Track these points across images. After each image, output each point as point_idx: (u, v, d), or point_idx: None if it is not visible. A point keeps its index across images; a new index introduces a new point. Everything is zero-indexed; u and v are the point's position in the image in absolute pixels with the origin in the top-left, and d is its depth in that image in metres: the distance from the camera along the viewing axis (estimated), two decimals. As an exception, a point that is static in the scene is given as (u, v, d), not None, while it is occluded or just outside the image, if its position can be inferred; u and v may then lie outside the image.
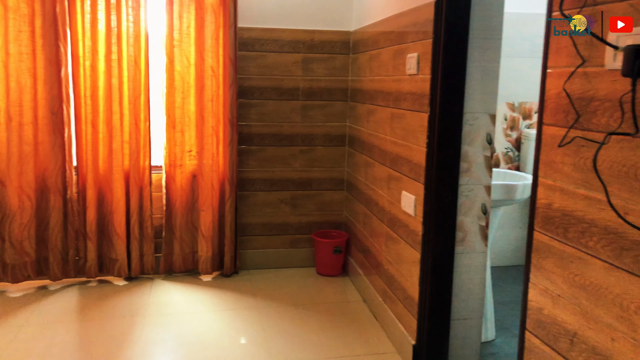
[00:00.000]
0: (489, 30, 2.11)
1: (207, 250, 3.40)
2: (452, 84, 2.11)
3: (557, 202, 1.38)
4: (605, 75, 1.21)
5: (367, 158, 3.05)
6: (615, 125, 1.18)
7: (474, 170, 2.19)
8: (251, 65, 3.40)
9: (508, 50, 3.34)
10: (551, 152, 1.40)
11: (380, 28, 2.83)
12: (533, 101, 3.52)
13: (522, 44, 3.42)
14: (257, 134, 3.46)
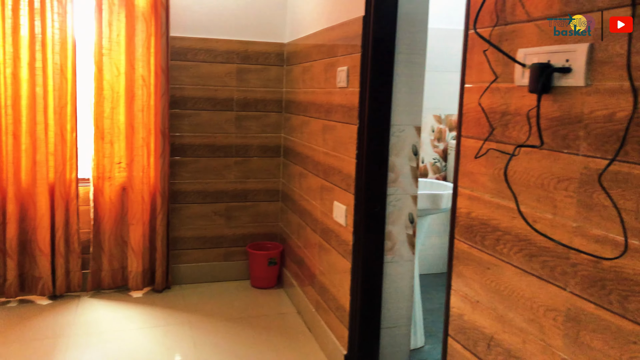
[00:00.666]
0: (414, 45, 2.19)
1: (137, 265, 3.29)
2: (380, 97, 2.16)
3: (475, 211, 1.44)
4: (515, 91, 1.28)
5: (302, 169, 3.06)
6: (525, 137, 1.25)
7: (401, 181, 2.24)
8: (184, 75, 3.34)
9: (435, 65, 3.45)
10: (469, 163, 1.47)
11: (312, 41, 2.87)
12: (461, 114, 3.66)
13: (449, 59, 3.55)
14: (190, 145, 3.40)
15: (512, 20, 1.29)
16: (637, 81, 0.96)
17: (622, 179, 0.99)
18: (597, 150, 1.05)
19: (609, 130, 1.02)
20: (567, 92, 1.12)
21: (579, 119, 1.09)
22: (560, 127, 1.14)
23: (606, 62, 1.03)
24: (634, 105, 0.97)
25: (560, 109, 1.14)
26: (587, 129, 1.07)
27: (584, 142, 1.08)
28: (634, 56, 0.97)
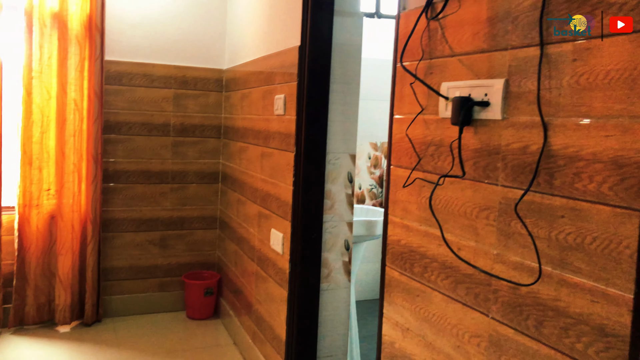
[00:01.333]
0: (349, 75, 2.23)
1: (65, 297, 3.12)
2: (316, 125, 2.18)
3: (404, 238, 1.47)
4: (439, 123, 1.33)
5: (240, 196, 3.03)
6: (449, 168, 1.29)
7: (337, 208, 2.26)
8: (119, 100, 3.26)
9: (372, 94, 3.54)
10: (398, 192, 1.50)
11: (251, 68, 2.88)
12: (398, 142, 3.76)
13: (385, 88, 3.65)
14: (123, 171, 3.29)
15: (436, 55, 1.35)
16: (546, 116, 1.02)
17: (536, 208, 1.04)
18: (513, 181, 1.10)
19: (523, 162, 1.07)
20: (486, 124, 1.17)
21: (497, 151, 1.14)
22: (480, 158, 1.19)
23: (520, 97, 1.09)
24: (544, 138, 1.02)
25: (480, 141, 1.19)
26: (505, 160, 1.12)
27: (502, 173, 1.13)
28: (543, 92, 1.03)
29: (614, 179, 0.89)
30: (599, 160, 0.92)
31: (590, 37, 0.94)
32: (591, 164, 0.93)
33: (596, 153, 0.92)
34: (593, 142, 0.93)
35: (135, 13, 3.24)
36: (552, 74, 1.01)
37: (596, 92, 0.93)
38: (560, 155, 0.99)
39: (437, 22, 1.35)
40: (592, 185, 0.93)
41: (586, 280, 0.94)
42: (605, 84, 0.91)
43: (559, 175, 0.99)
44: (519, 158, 1.08)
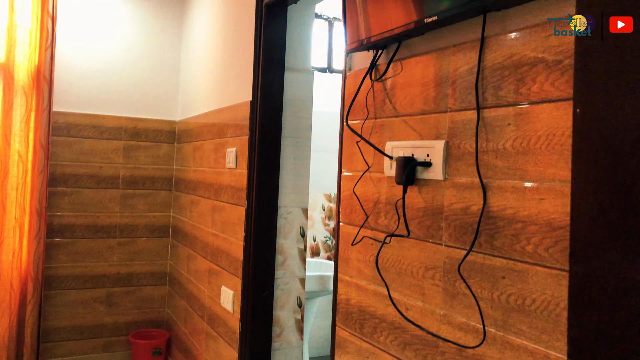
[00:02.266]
0: (300, 129, 2.25)
1: (-1, 361, 2.91)
2: (268, 179, 2.17)
3: (354, 298, 1.45)
4: (384, 182, 1.34)
5: (190, 250, 2.95)
6: (395, 226, 1.29)
7: (289, 264, 2.23)
8: (67, 152, 3.17)
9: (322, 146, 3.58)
10: (347, 250, 1.49)
11: (203, 120, 2.87)
12: (352, 193, 3.78)
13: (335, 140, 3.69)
14: (69, 225, 3.17)
15: (381, 115, 1.38)
16: (485, 178, 1.05)
17: (478, 268, 1.05)
18: (456, 241, 1.11)
19: (465, 222, 1.09)
20: (429, 184, 1.19)
21: (440, 211, 1.16)
22: (425, 218, 1.20)
23: (460, 158, 1.11)
24: (484, 200, 1.04)
25: (424, 201, 1.20)
26: (448, 220, 1.14)
27: (446, 233, 1.14)
28: (481, 155, 1.06)
29: (549, 240, 0.91)
30: (534, 222, 0.94)
31: (518, 104, 0.98)
32: (528, 226, 0.95)
33: (532, 215, 0.95)
34: (529, 205, 0.95)
35: (87, 64, 3.21)
36: (489, 137, 1.04)
37: (529, 157, 0.96)
38: (499, 217, 1.01)
39: (382, 83, 1.38)
40: (530, 247, 0.95)
41: (528, 342, 0.94)
42: (537, 148, 0.95)
43: (499, 236, 1.01)
44: (461, 218, 1.10)
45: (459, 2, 1.05)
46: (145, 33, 3.35)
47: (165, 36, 3.40)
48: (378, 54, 1.39)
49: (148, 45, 3.35)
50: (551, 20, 0.96)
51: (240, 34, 2.38)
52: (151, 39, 3.36)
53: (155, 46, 3.37)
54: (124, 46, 3.29)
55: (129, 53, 3.30)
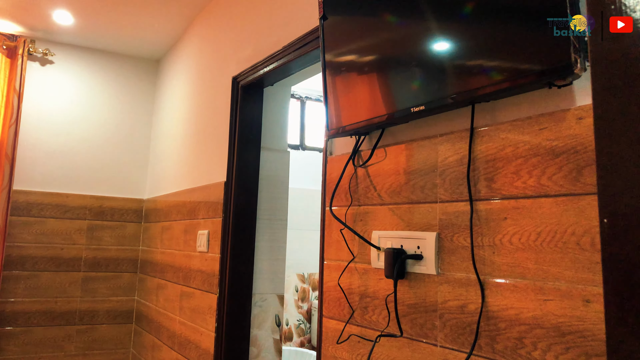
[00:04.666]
0: (276, 210, 2.18)
1: None
2: (242, 264, 2.07)
3: (339, 401, 1.33)
4: (371, 273, 1.27)
5: (155, 339, 2.75)
6: (384, 323, 1.21)
7: (263, 356, 2.08)
8: (26, 232, 3.00)
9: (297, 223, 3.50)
10: (331, 347, 1.38)
11: (173, 199, 2.77)
12: (325, 272, 3.66)
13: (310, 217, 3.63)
14: (22, 312, 2.94)
15: (365, 203, 1.32)
16: (482, 275, 0.99)
17: (481, 374, 0.97)
18: (453, 342, 1.03)
19: (462, 322, 1.02)
20: (421, 279, 1.12)
21: (434, 308, 1.08)
22: (417, 315, 1.12)
23: (453, 252, 1.06)
24: (482, 298, 0.98)
25: (416, 296, 1.13)
26: (443, 318, 1.06)
27: (441, 333, 1.06)
28: (476, 250, 1.00)
29: (559, 347, 0.84)
30: (540, 325, 0.88)
31: (514, 198, 0.94)
32: (533, 329, 0.89)
33: (537, 317, 0.88)
34: (533, 306, 0.89)
35: (52, 142, 3.11)
36: (484, 231, 0.99)
37: (530, 253, 0.91)
38: (500, 318, 0.94)
39: (365, 170, 1.34)
40: (537, 353, 0.87)
41: None
42: (537, 245, 0.90)
43: (501, 339, 0.93)
44: (458, 317, 1.03)
45: (446, 92, 1.03)
46: (116, 109, 3.29)
47: (136, 114, 3.35)
48: (361, 140, 1.36)
49: (118, 122, 3.29)
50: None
51: (215, 114, 2.35)
52: (122, 117, 3.31)
53: (126, 124, 3.31)
54: (93, 122, 3.22)
55: (98, 130, 3.23)
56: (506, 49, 0.92)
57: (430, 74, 1.07)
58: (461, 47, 1.00)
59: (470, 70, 0.99)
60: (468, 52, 0.99)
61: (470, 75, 0.99)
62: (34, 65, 3.10)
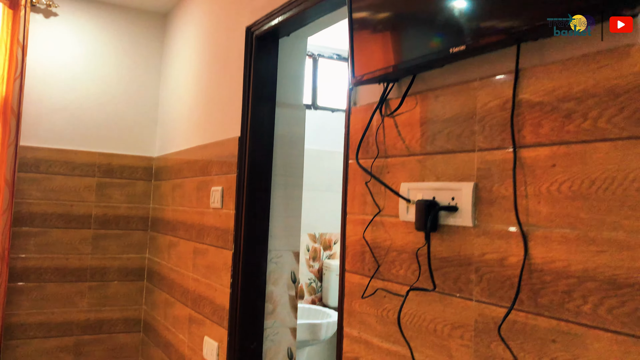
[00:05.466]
0: (292, 167, 2.12)
1: (-51, 423, 2.61)
2: (257, 220, 2.02)
3: (363, 356, 1.29)
4: (400, 227, 1.21)
5: (168, 296, 2.74)
6: (413, 277, 1.16)
7: (279, 312, 2.06)
8: (34, 189, 2.96)
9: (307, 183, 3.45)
10: (354, 302, 1.34)
11: (184, 157, 2.71)
12: (332, 232, 3.63)
13: (320, 178, 3.58)
14: (34, 269, 2.92)
15: (393, 154, 1.26)
16: (525, 226, 0.93)
17: (520, 329, 0.92)
18: (491, 297, 0.98)
19: (501, 276, 0.96)
20: (455, 231, 1.07)
21: (469, 262, 1.03)
22: (450, 269, 1.07)
23: (493, 203, 1.00)
24: (525, 250, 0.92)
25: (449, 250, 1.08)
26: (479, 272, 1.01)
27: (477, 287, 1.01)
28: (519, 199, 0.94)
29: (613, 301, 0.79)
30: (592, 278, 0.82)
31: (565, 143, 0.87)
32: (584, 282, 0.83)
33: (588, 270, 0.83)
34: (583, 258, 0.83)
35: (58, 97, 3.03)
36: (529, 180, 0.93)
37: (581, 202, 0.85)
38: (545, 271, 0.89)
39: (393, 119, 1.27)
40: (587, 307, 0.82)
41: (590, 420, 0.81)
42: (591, 193, 0.83)
43: (546, 293, 0.88)
44: (496, 271, 0.97)
45: (491, 30, 0.95)
46: (123, 65, 3.20)
47: (143, 69, 3.26)
48: (389, 87, 1.28)
49: (125, 78, 3.20)
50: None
51: (228, 67, 2.26)
52: (129, 72, 3.21)
53: (133, 79, 3.22)
54: (99, 78, 3.13)
55: (104, 86, 3.14)
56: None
57: (474, 10, 0.98)
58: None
59: (518, 4, 0.90)
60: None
61: (518, 10, 0.90)
62: (38, 17, 3.00)
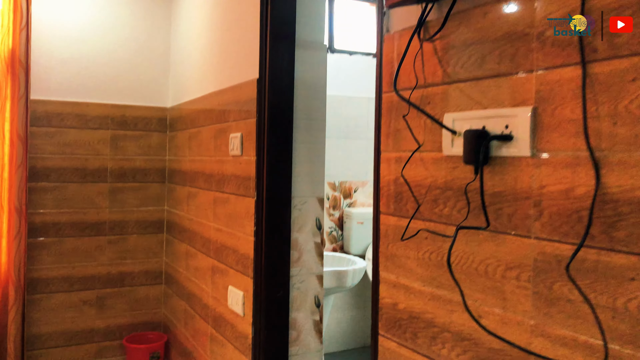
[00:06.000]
0: (313, 110, 2.01)
1: (-20, 375, 2.64)
2: (279, 166, 1.93)
3: (402, 301, 1.22)
4: (444, 162, 1.11)
5: (189, 247, 2.70)
6: (460, 216, 1.06)
7: (305, 260, 1.99)
8: (48, 143, 2.89)
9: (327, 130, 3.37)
10: (391, 245, 1.25)
11: (199, 105, 2.61)
12: (352, 180, 3.55)
13: (338, 125, 3.48)
14: (53, 224, 2.89)
15: (434, 82, 1.14)
16: (598, 151, 0.82)
17: (590, 268, 0.82)
18: (553, 233, 0.88)
19: (566, 209, 0.86)
20: (509, 163, 0.96)
21: (526, 195, 0.93)
22: (503, 205, 0.97)
23: (555, 128, 0.88)
24: (596, 179, 0.81)
25: (502, 183, 0.97)
26: (539, 207, 0.91)
27: (536, 223, 0.91)
28: (590, 122, 0.83)
29: None
30: (682, 206, 0.71)
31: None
32: (670, 212, 0.73)
33: (677, 197, 0.72)
34: (671, 183, 0.73)
35: (66, 49, 2.91)
36: (601, 99, 0.81)
37: (670, 120, 0.73)
38: (622, 201, 0.78)
39: (433, 44, 1.14)
40: (675, 239, 0.72)
41: (677, 364, 0.72)
42: (682, 109, 0.72)
43: (623, 226, 0.78)
44: (560, 204, 0.87)
45: None
46: (133, 13, 3.05)
47: (153, 16, 3.11)
48: (428, 8, 1.15)
49: (135, 27, 3.06)
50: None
51: (242, 4, 2.12)
52: (138, 20, 3.07)
53: (144, 27, 3.08)
54: (109, 28, 3.00)
55: (113, 36, 3.01)
56: None
57: None
58: None
59: None
60: None
61: None
62: (40, -40, 2.84)
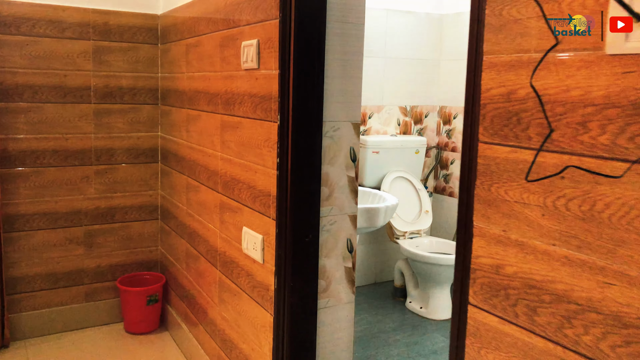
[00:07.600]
0: (350, 11, 1.59)
1: (-45, 320, 2.34)
2: (308, 82, 1.54)
3: (513, 264, 0.89)
4: (604, 65, 0.73)
5: (189, 179, 2.34)
6: (633, 147, 0.70)
7: (336, 197, 1.65)
8: (17, 55, 2.43)
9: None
10: (499, 187, 0.90)
11: (199, 8, 2.16)
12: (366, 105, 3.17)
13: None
14: (29, 151, 2.49)
15: (589, -56, 0.74)
16: None
17: None
18: None
19: None
20: None
21: None
22: None
23: None
24: None
25: None
26: None
27: None
28: None
29: None
30: None
31: None
32: None
33: None
34: None
35: None
36: None
37: None
38: None
39: None
40: None
41: None
42: None
43: None
44: None
45: None
46: None
47: None
48: None
49: None
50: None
51: None
52: None
53: None
54: None
55: None
56: None
57: None
58: None
59: None
60: None
61: None
62: None
